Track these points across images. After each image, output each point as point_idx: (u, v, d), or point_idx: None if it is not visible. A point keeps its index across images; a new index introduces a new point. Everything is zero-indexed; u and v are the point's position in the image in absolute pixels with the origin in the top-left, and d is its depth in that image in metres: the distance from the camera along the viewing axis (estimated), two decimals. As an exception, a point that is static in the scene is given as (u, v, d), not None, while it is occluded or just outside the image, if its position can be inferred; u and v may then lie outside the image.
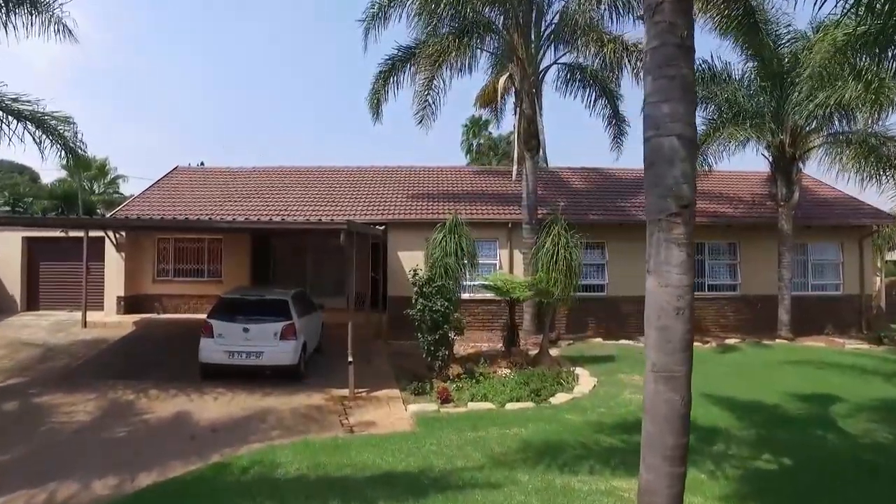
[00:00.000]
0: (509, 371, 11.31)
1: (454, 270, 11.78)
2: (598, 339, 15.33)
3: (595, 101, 17.37)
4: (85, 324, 14.91)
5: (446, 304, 10.44)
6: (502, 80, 15.49)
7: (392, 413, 8.66)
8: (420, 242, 16.33)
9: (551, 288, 11.50)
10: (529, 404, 9.07)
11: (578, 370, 11.33)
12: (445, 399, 9.18)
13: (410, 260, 16.22)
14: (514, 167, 15.51)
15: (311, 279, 18.43)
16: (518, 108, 15.61)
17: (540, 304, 13.49)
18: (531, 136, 15.51)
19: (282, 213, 16.20)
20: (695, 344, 12.80)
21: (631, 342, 15.12)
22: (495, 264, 16.43)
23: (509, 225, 16.27)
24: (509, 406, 8.95)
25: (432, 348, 10.44)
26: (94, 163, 30.25)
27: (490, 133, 43.12)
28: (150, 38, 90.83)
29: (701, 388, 10.05)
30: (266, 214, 15.71)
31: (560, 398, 9.44)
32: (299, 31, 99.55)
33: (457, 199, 17.71)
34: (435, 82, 14.56)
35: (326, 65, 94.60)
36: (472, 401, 9.21)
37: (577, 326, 16.24)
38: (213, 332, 9.89)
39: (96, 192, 30.58)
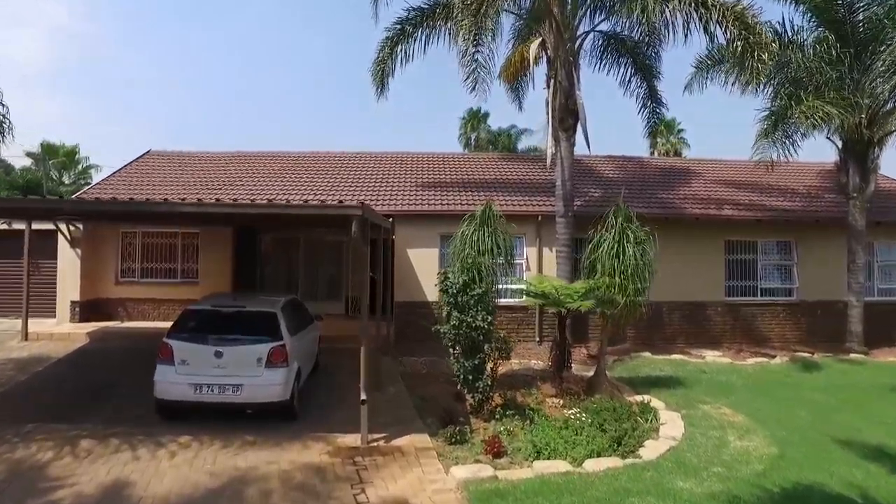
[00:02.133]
0: (561, 401, 8.63)
1: (489, 273, 9.08)
2: (646, 354, 12.69)
3: (630, 79, 14.80)
4: (26, 336, 11.93)
5: (489, 318, 7.70)
6: (535, 45, 12.77)
7: (427, 479, 5.89)
8: (432, 238, 13.61)
9: (616, 295, 8.83)
10: (616, 461, 6.35)
11: (649, 399, 8.66)
12: (497, 453, 6.45)
13: (422, 259, 13.47)
14: (549, 149, 12.79)
15: (304, 280, 15.60)
16: (552, 81, 12.88)
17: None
18: (567, 113, 12.82)
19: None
20: (761, 357, 10.08)
21: (683, 356, 12.53)
22: (521, 264, 13.74)
23: (539, 218, 13.56)
24: (589, 464, 6.23)
25: (470, 377, 7.69)
26: (62, 149, 26.94)
27: (489, 127, 40.50)
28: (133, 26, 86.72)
29: (825, 430, 7.50)
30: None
31: (652, 449, 6.74)
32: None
33: (476, 188, 14.98)
34: (481, 36, 11.48)
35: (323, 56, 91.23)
36: (534, 455, 6.49)
37: (612, 338, 13.58)
38: (174, 357, 7.04)
39: (65, 182, 27.32)
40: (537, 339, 13.57)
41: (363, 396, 6.68)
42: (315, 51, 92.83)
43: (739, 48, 10.62)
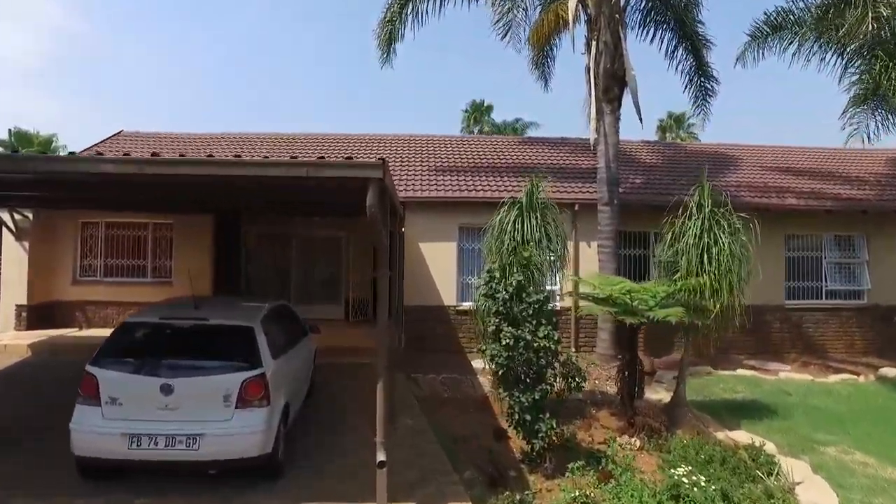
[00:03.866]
0: (637, 441, 6.35)
1: (537, 271, 6.83)
2: (705, 368, 10.44)
3: (675, 48, 12.57)
4: (-49, 348, 9.53)
5: (554, 333, 5.39)
6: (572, 1, 10.50)
7: None
8: (449, 230, 11.31)
9: (707, 300, 6.58)
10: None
11: (762, 443, 6.34)
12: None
13: (437, 255, 11.17)
14: (591, 122, 10.49)
15: (296, 280, 13.26)
16: (593, 44, 10.63)
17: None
18: (613, 80, 10.58)
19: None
20: (845, 374, 6.77)
21: (752, 372, 10.30)
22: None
23: (575, 207, 11.27)
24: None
25: (528, 417, 5.36)
26: (37, 138, 24.39)
27: (493, 120, 38.21)
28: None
29: None
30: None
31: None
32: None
33: (498, 172, 12.71)
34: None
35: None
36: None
37: (658, 345, 11.31)
38: (101, 395, 4.69)
39: (41, 173, 24.78)
40: (573, 349, 11.29)
41: (381, 457, 4.36)
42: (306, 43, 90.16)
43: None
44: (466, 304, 11.44)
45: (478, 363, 10.44)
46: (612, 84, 10.58)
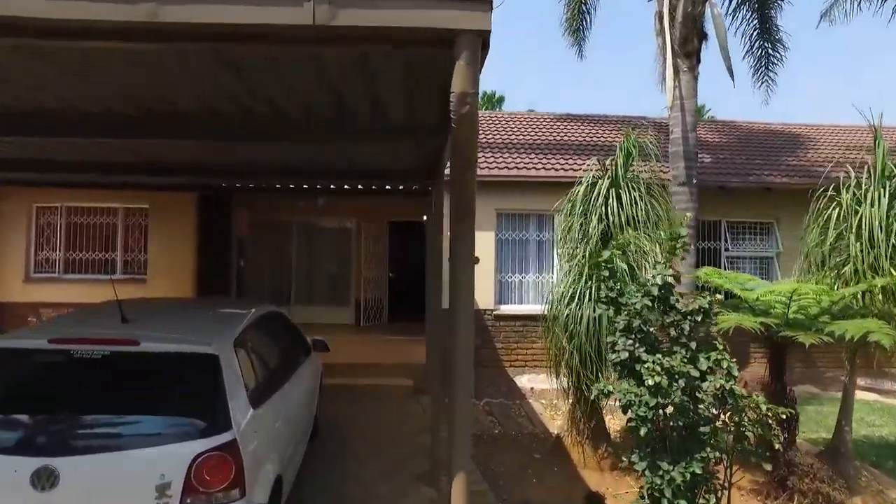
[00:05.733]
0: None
1: (646, 263, 4.62)
2: (807, 388, 8.22)
3: (738, 6, 10.34)
4: None
5: (732, 364, 3.15)
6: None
7: None
8: (486, 216, 9.08)
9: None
10: None
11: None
12: None
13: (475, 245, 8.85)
14: (669, 82, 8.22)
15: (297, 277, 11.05)
16: (666, -17, 8.41)
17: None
18: (691, 30, 8.35)
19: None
20: None
21: (877, 396, 8.08)
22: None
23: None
24: None
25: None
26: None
27: (501, 110, 35.97)
28: None
29: None
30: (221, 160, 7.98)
31: None
32: None
33: (539, 150, 10.47)
34: None
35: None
36: None
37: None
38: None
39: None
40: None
41: None
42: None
43: None
44: (506, 308, 9.24)
45: (524, 381, 8.24)
46: (691, 34, 8.33)
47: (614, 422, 5.98)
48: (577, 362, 4.80)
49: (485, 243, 9.02)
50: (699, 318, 3.21)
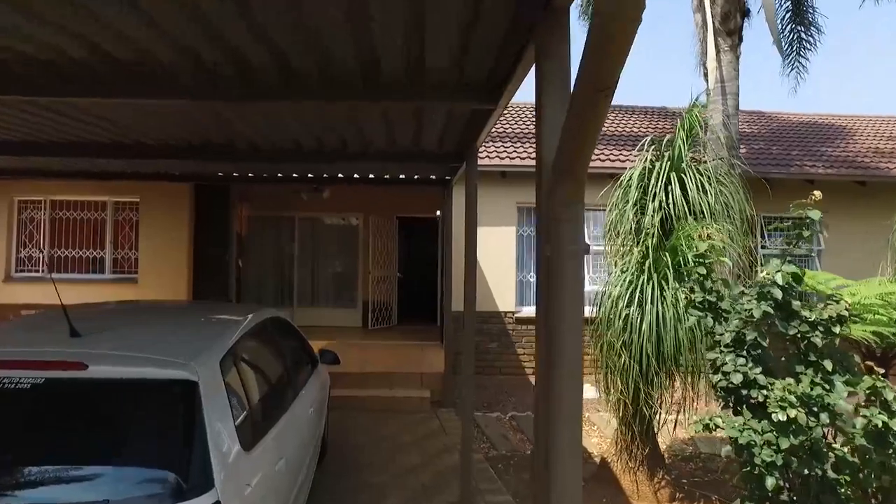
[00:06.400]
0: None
1: (718, 260, 3.81)
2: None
3: None
4: None
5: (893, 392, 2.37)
6: None
7: None
8: (506, 211, 8.30)
9: None
10: None
11: None
12: None
13: (490, 243, 8.09)
14: (710, 63, 7.43)
15: (301, 274, 10.28)
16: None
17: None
18: (735, 5, 7.57)
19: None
20: None
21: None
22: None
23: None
24: None
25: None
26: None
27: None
28: None
29: None
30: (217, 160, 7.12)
31: None
32: None
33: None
34: None
35: None
36: None
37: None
38: None
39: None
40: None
41: None
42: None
43: None
44: (529, 311, 8.45)
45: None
46: (734, 10, 7.55)
47: (662, 441, 5.19)
48: (635, 374, 4.02)
49: (505, 240, 8.26)
50: (835, 329, 2.42)
